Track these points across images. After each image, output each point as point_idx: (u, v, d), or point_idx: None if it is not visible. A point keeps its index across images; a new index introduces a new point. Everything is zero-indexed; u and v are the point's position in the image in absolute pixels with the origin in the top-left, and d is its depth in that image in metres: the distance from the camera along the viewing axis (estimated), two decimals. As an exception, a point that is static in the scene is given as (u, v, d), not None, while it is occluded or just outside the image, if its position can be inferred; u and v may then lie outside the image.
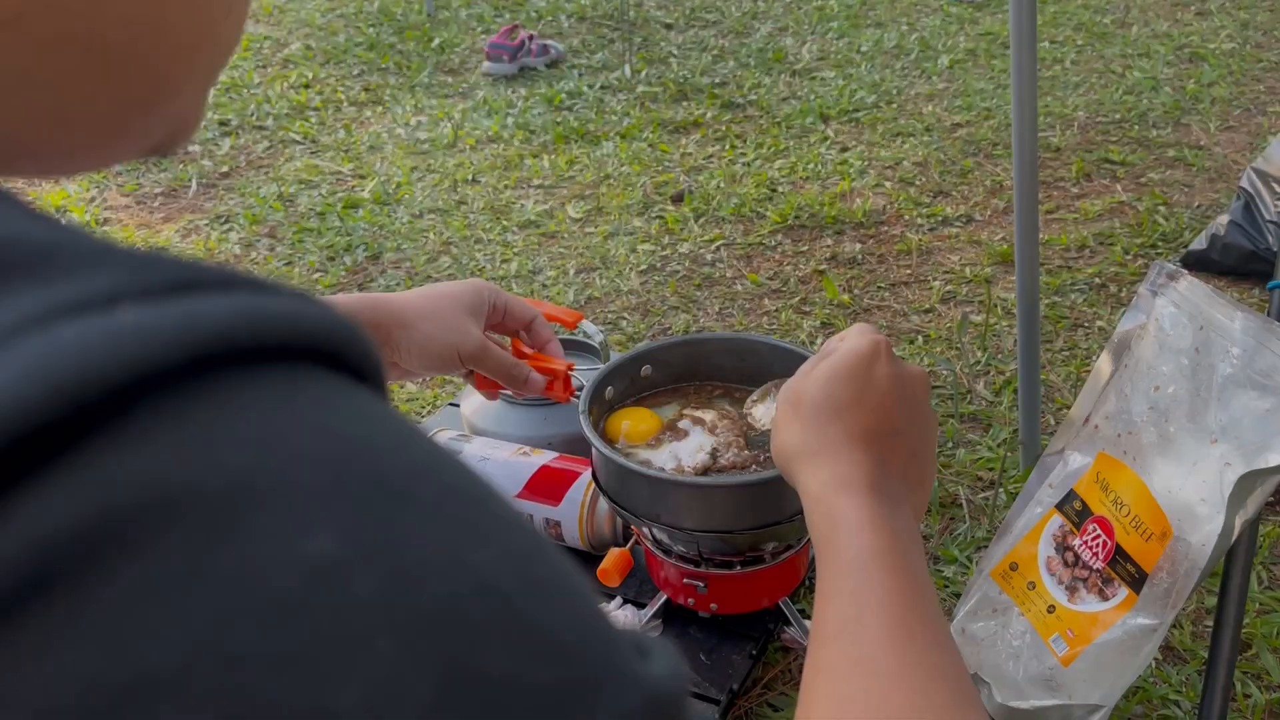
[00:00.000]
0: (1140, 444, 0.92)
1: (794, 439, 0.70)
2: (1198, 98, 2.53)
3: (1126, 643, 0.90)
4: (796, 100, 2.78)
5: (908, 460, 0.70)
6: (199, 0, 0.28)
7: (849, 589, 0.60)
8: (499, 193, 2.33)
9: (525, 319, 1.07)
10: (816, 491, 0.66)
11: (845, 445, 0.67)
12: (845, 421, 0.68)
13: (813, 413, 0.69)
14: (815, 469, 0.67)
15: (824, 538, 0.64)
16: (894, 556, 0.61)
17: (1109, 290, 1.73)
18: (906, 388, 0.71)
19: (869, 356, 0.70)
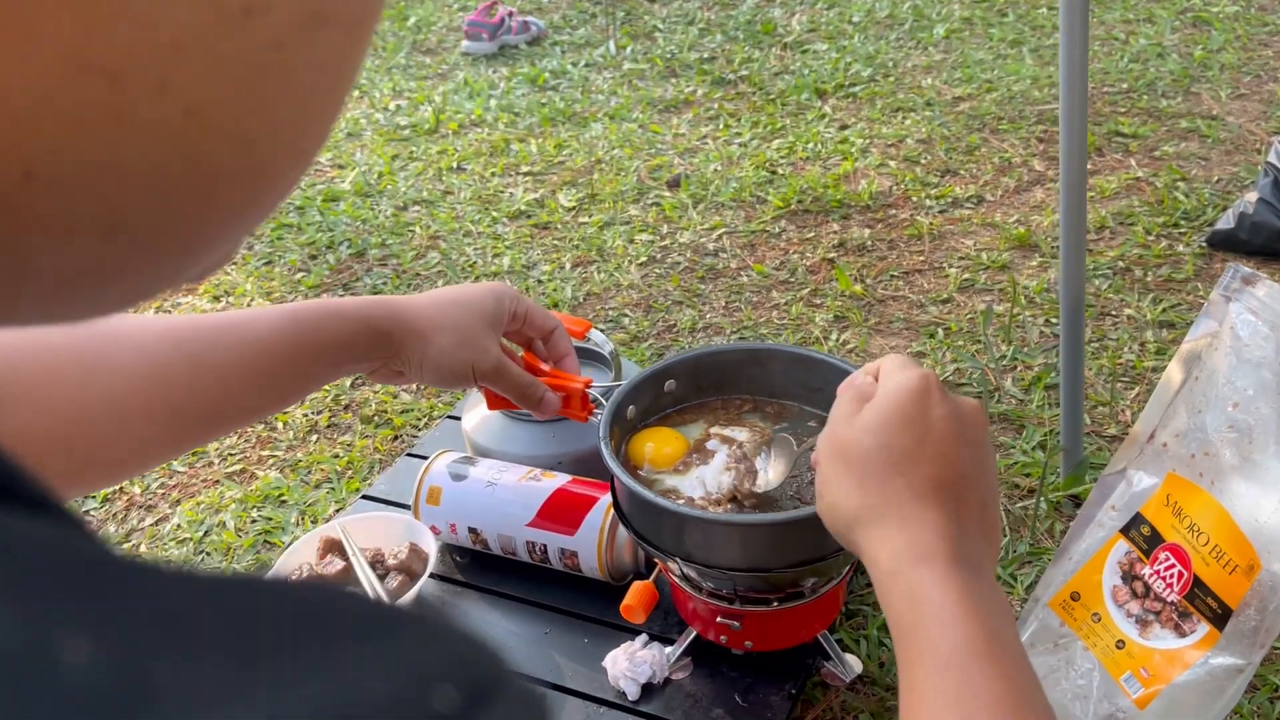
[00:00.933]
0: (1219, 466, 0.85)
1: (850, 499, 0.61)
2: (1206, 64, 2.45)
3: (1209, 684, 0.82)
4: (789, 75, 2.68)
5: (981, 511, 0.61)
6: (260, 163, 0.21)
7: (951, 691, 0.52)
8: (486, 181, 2.23)
9: (545, 329, 0.99)
10: (889, 565, 0.58)
11: (914, 504, 0.59)
12: (908, 476, 0.60)
13: (866, 468, 0.61)
14: (884, 536, 0.59)
15: (908, 623, 0.55)
16: (994, 648, 0.53)
17: (1134, 274, 1.65)
18: (966, 427, 0.62)
19: (920, 394, 0.62)
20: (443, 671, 0.18)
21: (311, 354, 0.79)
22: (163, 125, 0.19)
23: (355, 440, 1.44)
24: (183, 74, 0.19)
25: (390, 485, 1.26)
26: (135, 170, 0.19)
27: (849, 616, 1.08)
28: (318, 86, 0.22)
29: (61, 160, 0.18)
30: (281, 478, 1.37)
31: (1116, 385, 1.39)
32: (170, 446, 0.72)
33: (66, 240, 0.19)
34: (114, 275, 0.21)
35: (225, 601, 0.18)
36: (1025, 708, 0.51)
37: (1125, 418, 1.34)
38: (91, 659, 0.15)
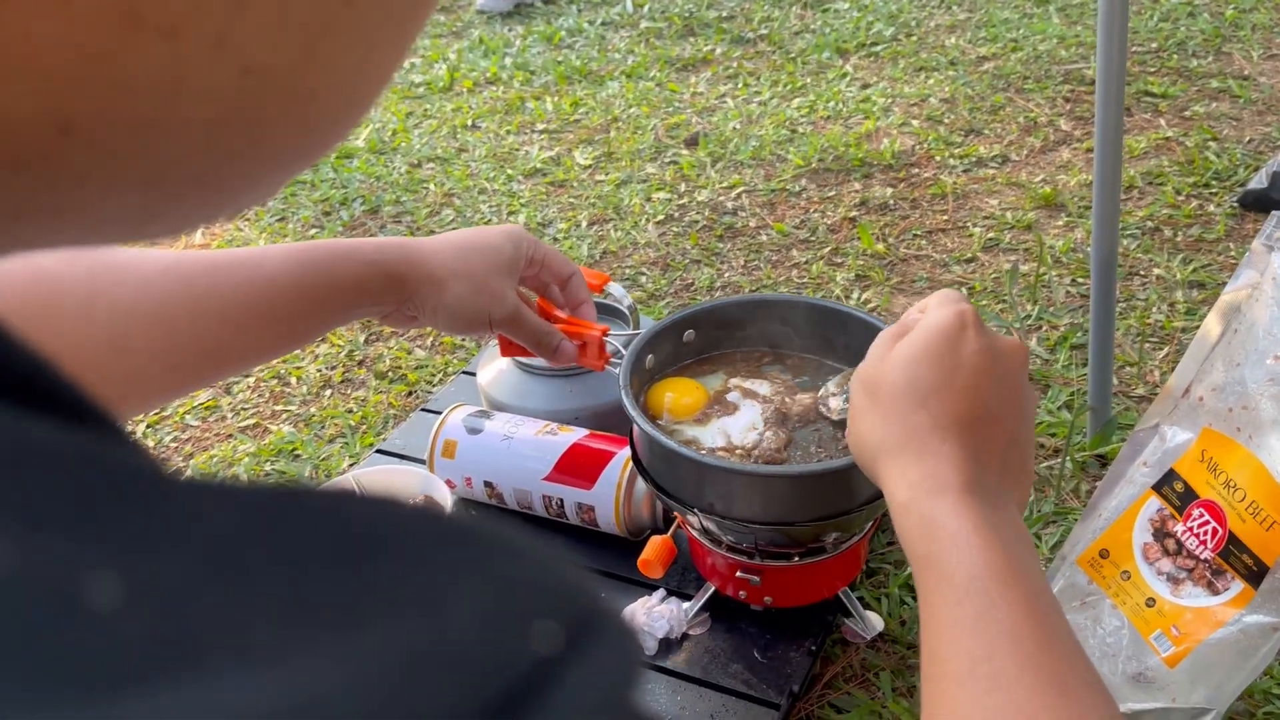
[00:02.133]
0: (1258, 420, 0.82)
1: (874, 432, 0.61)
2: (1238, 24, 2.39)
3: (1242, 642, 0.80)
4: (810, 34, 2.64)
5: (1006, 449, 0.60)
6: (316, 116, 0.20)
7: (969, 619, 0.51)
8: (501, 139, 2.20)
9: (563, 275, 0.97)
10: (905, 496, 0.57)
11: (933, 437, 0.58)
12: (932, 409, 0.59)
13: (893, 401, 0.60)
14: (903, 467, 0.58)
15: (923, 554, 0.55)
16: (1012, 574, 0.52)
17: (1163, 234, 1.62)
18: (1000, 364, 0.61)
19: (955, 330, 0.60)
20: (539, 605, 0.16)
21: (322, 295, 0.77)
22: (218, 83, 0.17)
23: (369, 395, 1.42)
24: (243, 31, 0.17)
25: (405, 439, 1.24)
26: (184, 128, 0.18)
27: (870, 574, 1.07)
28: (384, 38, 0.20)
29: (104, 117, 0.17)
30: (295, 432, 1.36)
31: (1145, 345, 1.36)
32: (173, 385, 0.70)
33: (104, 190, 0.18)
34: (151, 218, 0.20)
35: (281, 526, 0.16)
36: (1045, 632, 0.50)
37: (1153, 378, 1.31)
38: (120, 602, 0.13)
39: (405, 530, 0.17)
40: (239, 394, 1.45)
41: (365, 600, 0.15)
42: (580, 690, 0.15)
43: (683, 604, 0.99)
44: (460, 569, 0.16)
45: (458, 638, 0.15)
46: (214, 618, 0.13)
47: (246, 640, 0.13)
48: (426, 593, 0.15)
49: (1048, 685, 0.48)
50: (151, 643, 0.13)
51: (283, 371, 1.49)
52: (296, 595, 0.14)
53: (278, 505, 0.16)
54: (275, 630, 0.14)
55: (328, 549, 0.16)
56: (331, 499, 0.17)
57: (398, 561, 0.16)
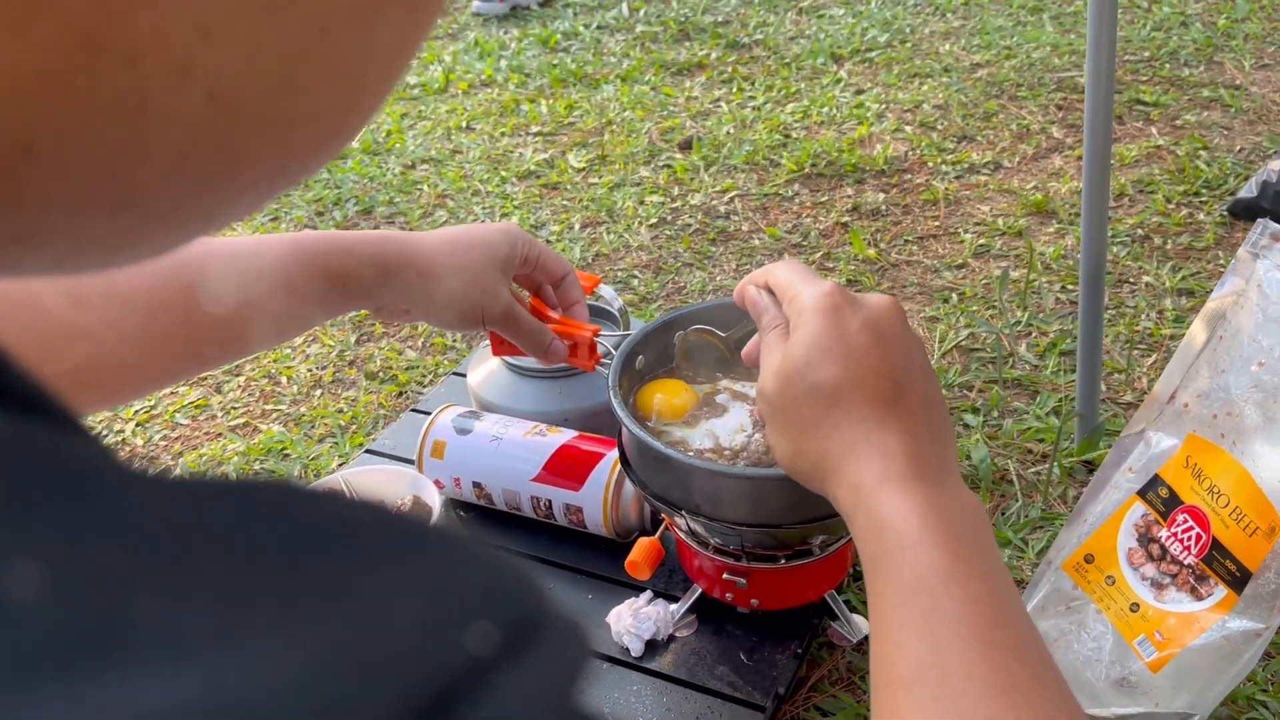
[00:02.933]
0: (1242, 426, 0.82)
1: (802, 453, 0.58)
2: (1230, 34, 2.40)
3: (1225, 648, 0.81)
4: (805, 40, 2.64)
5: (926, 410, 0.58)
6: (296, 143, 0.20)
7: (916, 619, 0.49)
8: (495, 140, 2.20)
9: (557, 274, 0.97)
10: (850, 499, 0.55)
11: (857, 431, 0.56)
12: (843, 406, 0.57)
13: (803, 413, 0.58)
14: (841, 473, 0.56)
15: (872, 555, 0.53)
16: (960, 568, 0.50)
17: (1153, 242, 1.62)
18: (885, 330, 0.59)
19: (831, 315, 0.58)
20: (479, 606, 0.16)
21: (316, 288, 0.77)
22: (184, 111, 0.17)
23: (360, 395, 1.42)
24: (209, 59, 0.17)
25: (394, 440, 1.24)
26: (152, 153, 0.18)
27: (857, 577, 1.07)
28: (370, 69, 0.20)
29: (67, 140, 0.17)
30: (285, 431, 1.36)
31: (1133, 352, 1.37)
32: (165, 373, 0.70)
33: (72, 214, 0.18)
34: (126, 243, 0.20)
35: (222, 516, 0.16)
36: (996, 631, 0.48)
37: (1141, 385, 1.31)
38: (48, 592, 0.13)
39: (351, 528, 0.17)
40: (229, 393, 1.45)
41: (302, 596, 0.15)
42: (514, 692, 0.15)
43: (669, 606, 0.99)
44: (402, 568, 0.16)
45: (391, 636, 0.15)
46: (144, 609, 0.13)
47: (177, 632, 0.13)
48: (365, 590, 0.15)
49: (998, 688, 0.46)
50: (75, 633, 0.12)
51: (273, 371, 1.49)
52: (232, 588, 0.14)
53: (223, 499, 0.16)
54: (208, 623, 0.13)
55: (269, 543, 0.15)
56: (280, 494, 0.16)
57: (340, 558, 0.16)
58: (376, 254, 0.81)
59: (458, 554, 0.17)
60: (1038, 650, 0.49)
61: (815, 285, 0.60)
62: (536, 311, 0.97)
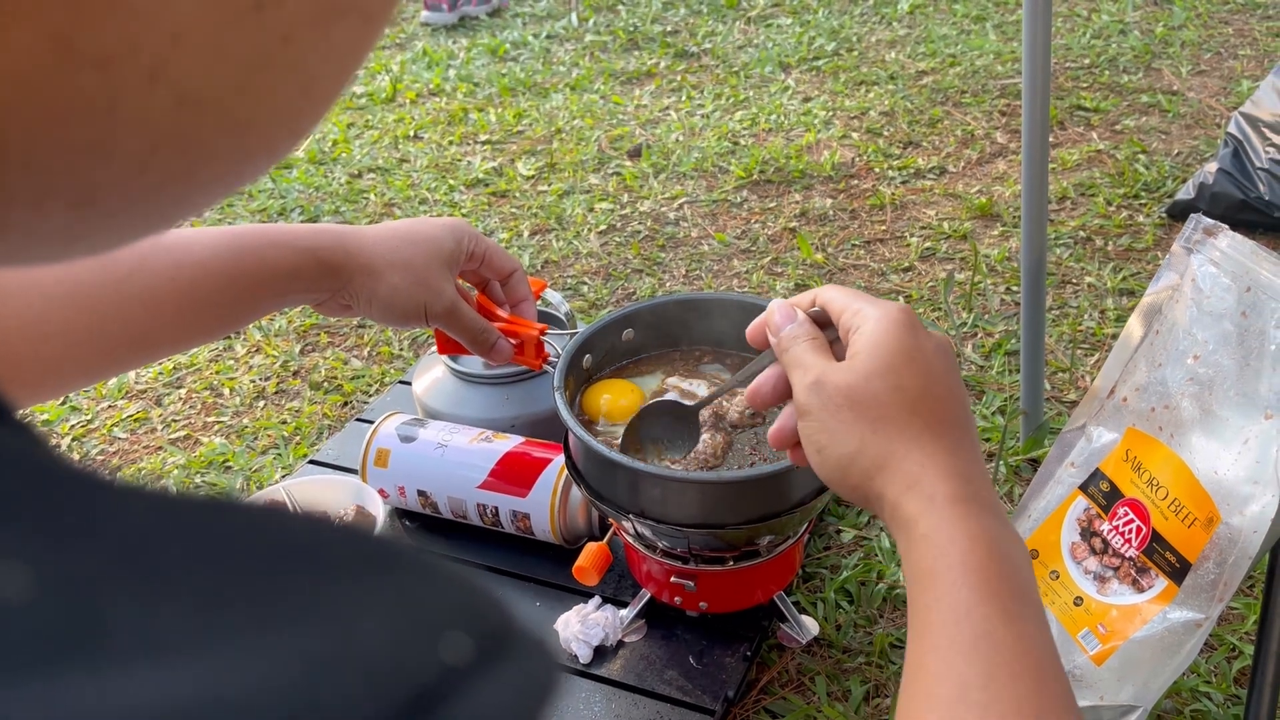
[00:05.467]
0: (1179, 419, 0.83)
1: (867, 449, 0.56)
2: (1167, 41, 2.45)
3: (1167, 639, 0.81)
4: (754, 49, 2.66)
5: (977, 441, 0.59)
6: (252, 145, 0.21)
7: (966, 642, 0.48)
8: (443, 149, 2.19)
9: (504, 271, 0.96)
10: (914, 509, 0.54)
11: (933, 444, 0.56)
12: (923, 416, 0.56)
13: (882, 411, 0.56)
14: (906, 480, 0.55)
15: (926, 569, 0.52)
16: (1018, 605, 0.50)
17: (1095, 244, 1.65)
18: (950, 357, 0.60)
19: (911, 331, 0.58)
20: (451, 619, 0.16)
21: (252, 282, 0.75)
22: (153, 113, 0.18)
23: (304, 406, 1.40)
24: (179, 64, 0.17)
25: (339, 450, 1.22)
26: (118, 154, 0.18)
27: (806, 579, 1.07)
28: (324, 72, 0.20)
29: (34, 138, 0.17)
30: (227, 443, 1.33)
31: (1076, 352, 1.38)
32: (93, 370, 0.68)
33: (32, 208, 0.18)
34: (78, 237, 0.20)
35: (197, 529, 0.16)
36: (1041, 673, 0.48)
37: (1085, 383, 1.33)
38: (32, 594, 0.13)
39: (324, 544, 0.17)
40: (169, 405, 1.42)
41: (277, 606, 0.15)
42: (488, 701, 0.15)
43: (619, 611, 0.98)
44: (375, 583, 0.16)
45: (365, 643, 0.15)
46: (122, 612, 0.13)
47: (153, 635, 0.13)
48: (339, 602, 0.15)
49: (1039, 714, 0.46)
50: (55, 632, 0.13)
51: (215, 382, 1.46)
52: (208, 597, 0.14)
53: (200, 512, 0.16)
54: (184, 628, 0.14)
55: (245, 557, 0.16)
56: (256, 511, 0.17)
57: (314, 573, 0.16)
58: (316, 248, 0.80)
59: (431, 571, 0.17)
60: (1072, 701, 0.49)
61: (886, 303, 0.60)
62: (483, 309, 0.95)
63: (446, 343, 0.98)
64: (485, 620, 0.17)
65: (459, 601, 0.17)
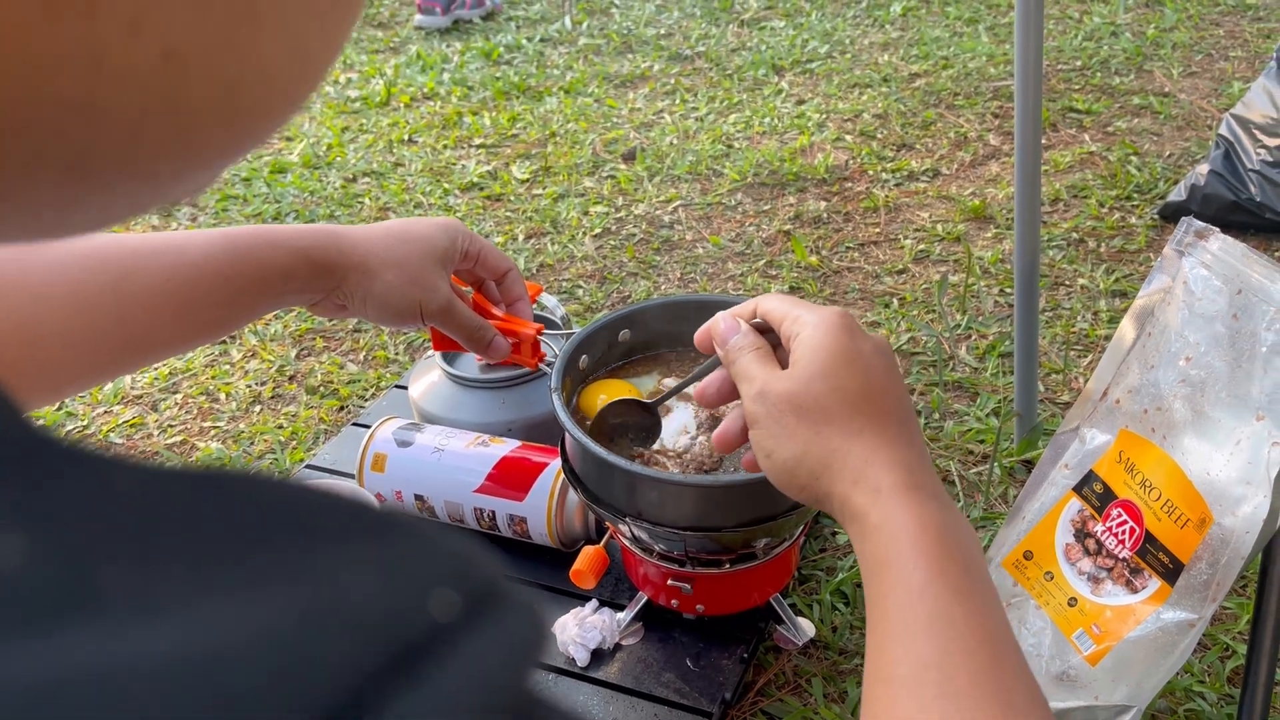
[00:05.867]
0: (1171, 421, 0.84)
1: (811, 450, 0.59)
2: (1158, 43, 2.46)
3: (1160, 639, 0.82)
4: (747, 51, 2.66)
5: (919, 434, 0.61)
6: (246, 106, 0.20)
7: (922, 623, 0.50)
8: (438, 153, 2.19)
9: (499, 270, 0.96)
10: (860, 503, 0.56)
11: (875, 440, 0.58)
12: (865, 414, 0.59)
13: (825, 413, 0.59)
14: (853, 477, 0.57)
15: (879, 557, 0.54)
16: (967, 582, 0.52)
17: (1087, 245, 1.65)
18: (889, 356, 0.62)
19: (849, 331, 0.61)
20: (440, 577, 0.17)
21: (247, 283, 0.76)
22: (139, 68, 0.18)
23: (300, 411, 1.40)
24: (160, 13, 0.17)
25: (335, 454, 1.23)
26: (108, 113, 0.18)
27: (802, 581, 1.07)
28: (311, 30, 0.20)
29: (23, 98, 0.17)
30: (223, 449, 1.34)
31: (1070, 353, 1.39)
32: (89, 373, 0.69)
33: (23, 176, 0.18)
34: (75, 209, 0.20)
35: (187, 497, 0.16)
36: (996, 647, 0.50)
37: (1078, 385, 1.34)
38: (26, 559, 0.13)
39: (317, 510, 0.17)
40: (165, 410, 1.42)
41: (268, 566, 0.15)
42: (476, 656, 0.16)
43: (616, 614, 0.98)
44: (366, 545, 0.17)
45: (355, 599, 0.15)
46: (116, 575, 0.14)
47: (147, 596, 0.14)
48: (329, 562, 0.16)
49: (995, 700, 0.48)
50: (49, 594, 0.13)
51: (211, 388, 1.46)
52: (200, 559, 0.15)
53: (192, 480, 0.16)
54: (175, 588, 0.14)
55: (235, 521, 0.16)
56: (245, 478, 0.17)
57: (306, 536, 0.16)
58: (311, 248, 0.80)
59: (420, 534, 0.18)
60: (1028, 673, 0.51)
61: (823, 308, 0.62)
62: (479, 308, 0.96)
63: (442, 340, 0.98)
64: (473, 579, 0.17)
65: (448, 561, 0.17)
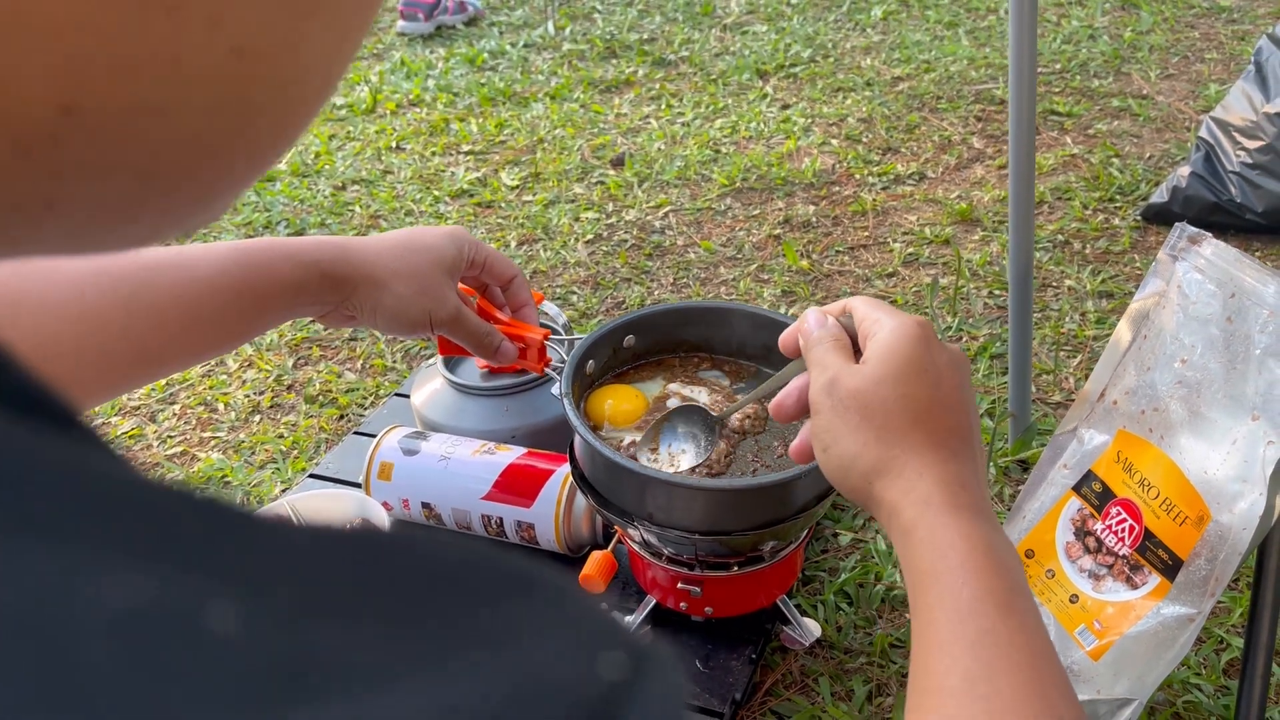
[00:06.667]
0: (1168, 421, 0.86)
1: (870, 451, 0.59)
2: (1135, 46, 2.50)
3: (1161, 634, 0.84)
4: (730, 56, 2.68)
5: (979, 456, 0.61)
6: (293, 103, 0.21)
7: (970, 637, 0.51)
8: (427, 160, 2.20)
9: (505, 277, 0.98)
10: (911, 514, 0.57)
11: (934, 453, 0.58)
12: (927, 426, 0.59)
13: (888, 418, 0.59)
14: (906, 485, 0.58)
15: (927, 570, 0.55)
16: (1014, 600, 0.53)
17: (1073, 247, 1.68)
18: (963, 372, 0.62)
19: (925, 340, 0.61)
20: (604, 638, 0.17)
21: (258, 296, 0.77)
22: (212, 65, 0.18)
23: (300, 420, 1.41)
24: (236, 11, 0.18)
25: (339, 464, 1.23)
26: (180, 113, 0.18)
27: (806, 581, 1.09)
28: (353, 23, 0.21)
29: (106, 99, 0.17)
30: (224, 459, 1.34)
31: (1060, 354, 1.42)
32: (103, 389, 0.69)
33: (102, 179, 0.18)
34: (134, 216, 0.20)
35: (356, 561, 0.16)
36: (1042, 664, 0.51)
37: (1069, 385, 1.36)
38: (243, 628, 0.14)
39: (468, 567, 0.18)
40: (164, 421, 1.42)
41: (451, 631, 0.16)
42: (650, 713, 0.16)
43: (624, 618, 1.00)
44: (525, 605, 0.17)
45: (546, 672, 0.16)
46: (322, 643, 0.14)
47: (355, 665, 0.14)
48: (503, 626, 0.16)
49: (1039, 716, 0.49)
50: (270, 664, 0.13)
51: (209, 398, 1.46)
52: (387, 625, 0.15)
53: (349, 542, 0.17)
54: (378, 657, 0.14)
55: (405, 584, 0.16)
56: (398, 539, 0.17)
57: (469, 597, 0.17)
58: (321, 261, 0.81)
59: (566, 593, 0.18)
60: (1069, 688, 0.52)
61: (904, 315, 0.63)
62: (484, 314, 0.97)
63: (448, 346, 0.99)
64: (627, 637, 0.18)
65: (604, 621, 0.18)
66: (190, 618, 0.13)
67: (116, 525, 0.14)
